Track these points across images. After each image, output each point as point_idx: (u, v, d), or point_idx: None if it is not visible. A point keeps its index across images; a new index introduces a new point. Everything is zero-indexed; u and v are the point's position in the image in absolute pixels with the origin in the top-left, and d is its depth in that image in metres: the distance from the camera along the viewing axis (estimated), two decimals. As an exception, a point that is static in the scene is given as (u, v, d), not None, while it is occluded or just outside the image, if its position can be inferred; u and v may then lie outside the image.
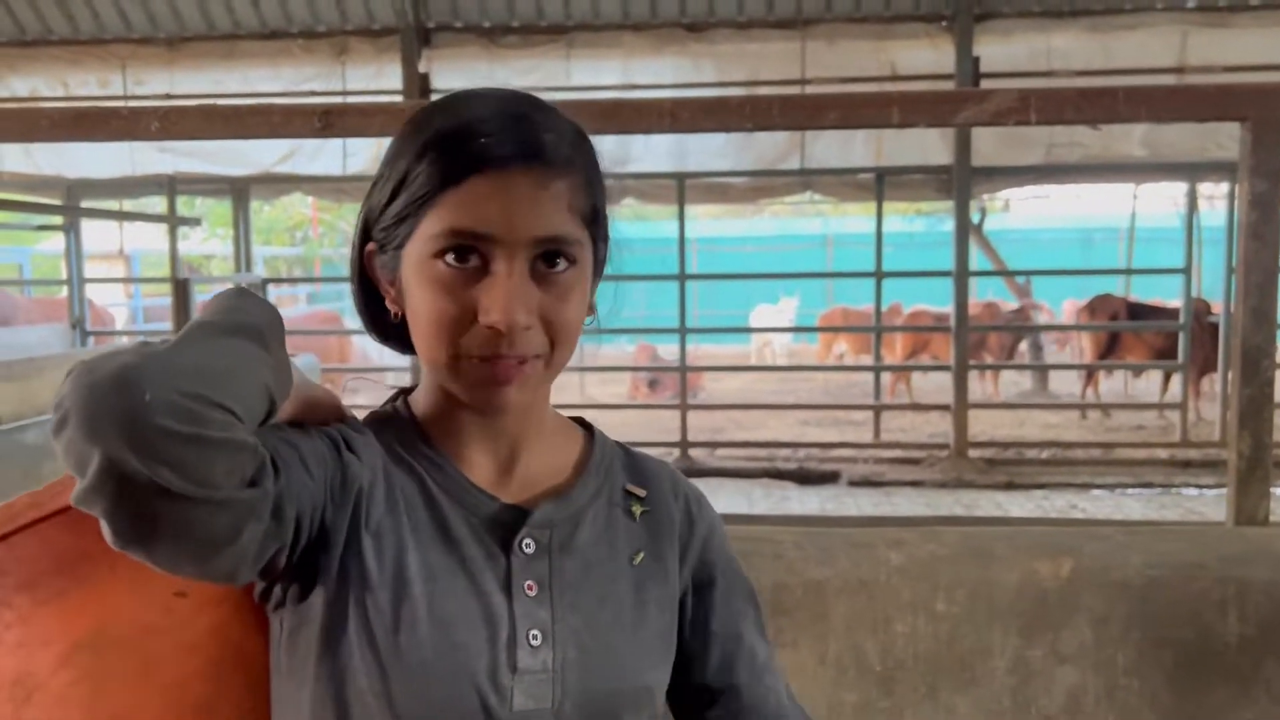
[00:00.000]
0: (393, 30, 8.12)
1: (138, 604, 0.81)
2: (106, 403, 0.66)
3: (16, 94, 8.51)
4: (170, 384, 0.67)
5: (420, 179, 0.82)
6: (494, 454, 0.91)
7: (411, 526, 0.86)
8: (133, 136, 2.15)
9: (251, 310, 0.79)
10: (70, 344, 8.57)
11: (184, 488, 0.67)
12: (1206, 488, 7.49)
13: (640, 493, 0.97)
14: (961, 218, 8.05)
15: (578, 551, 0.91)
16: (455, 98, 0.86)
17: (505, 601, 0.86)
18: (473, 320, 0.82)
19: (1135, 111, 2.00)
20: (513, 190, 0.81)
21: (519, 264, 0.82)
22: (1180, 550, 1.85)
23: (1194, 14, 7.75)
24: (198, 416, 0.68)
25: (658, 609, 0.94)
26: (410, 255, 0.84)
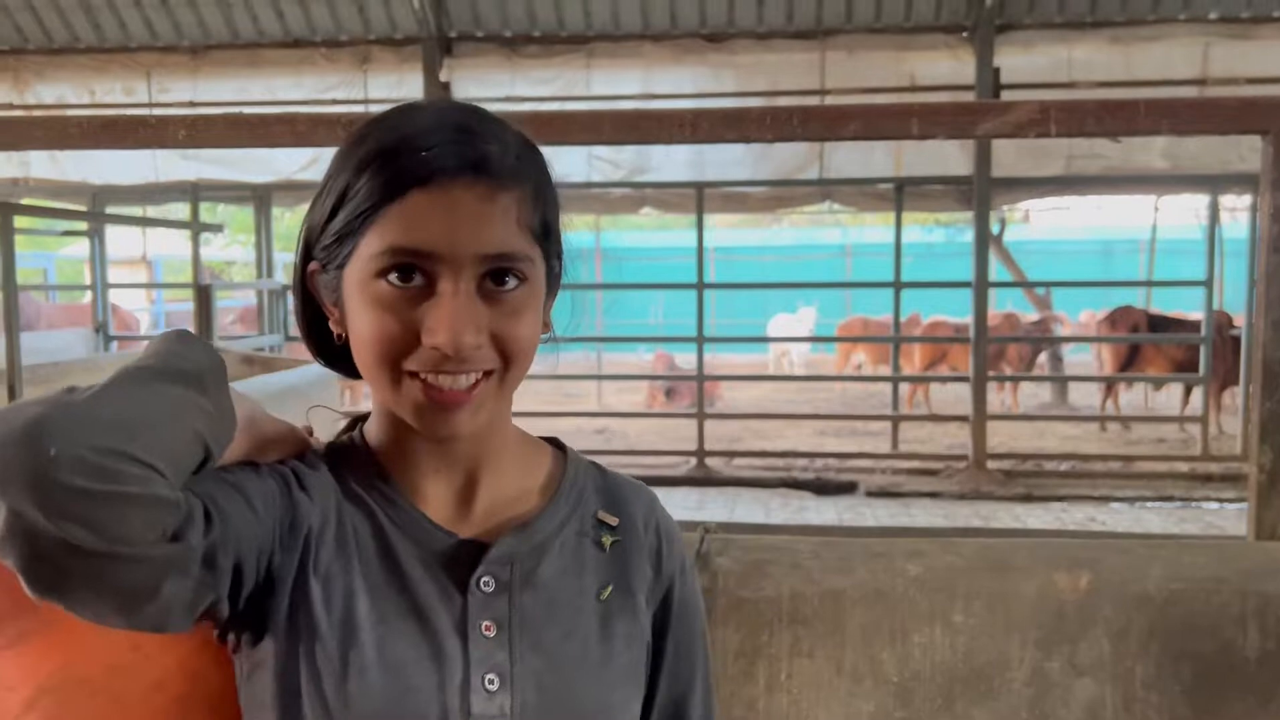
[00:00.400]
0: (415, 39, 8.18)
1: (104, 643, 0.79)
2: (10, 457, 0.63)
3: (44, 101, 8.62)
4: (81, 438, 0.64)
5: (360, 195, 0.77)
6: (450, 483, 0.87)
7: (362, 568, 0.82)
8: (160, 145, 2.17)
9: (190, 355, 0.76)
10: (94, 349, 8.66)
11: (94, 544, 0.65)
12: (1227, 502, 7.43)
13: (612, 521, 0.92)
14: (981, 229, 8.03)
15: (541, 586, 0.86)
16: (396, 110, 0.82)
17: (460, 644, 0.82)
18: (417, 341, 0.78)
19: (1156, 124, 2.00)
20: (456, 205, 0.77)
21: (465, 283, 0.77)
22: (1201, 564, 1.84)
23: (1216, 25, 7.72)
24: (109, 472, 0.65)
25: (625, 644, 0.89)
26: (351, 275, 0.80)
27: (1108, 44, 7.78)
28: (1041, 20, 7.82)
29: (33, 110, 8.64)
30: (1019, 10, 7.79)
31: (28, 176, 8.68)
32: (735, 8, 7.97)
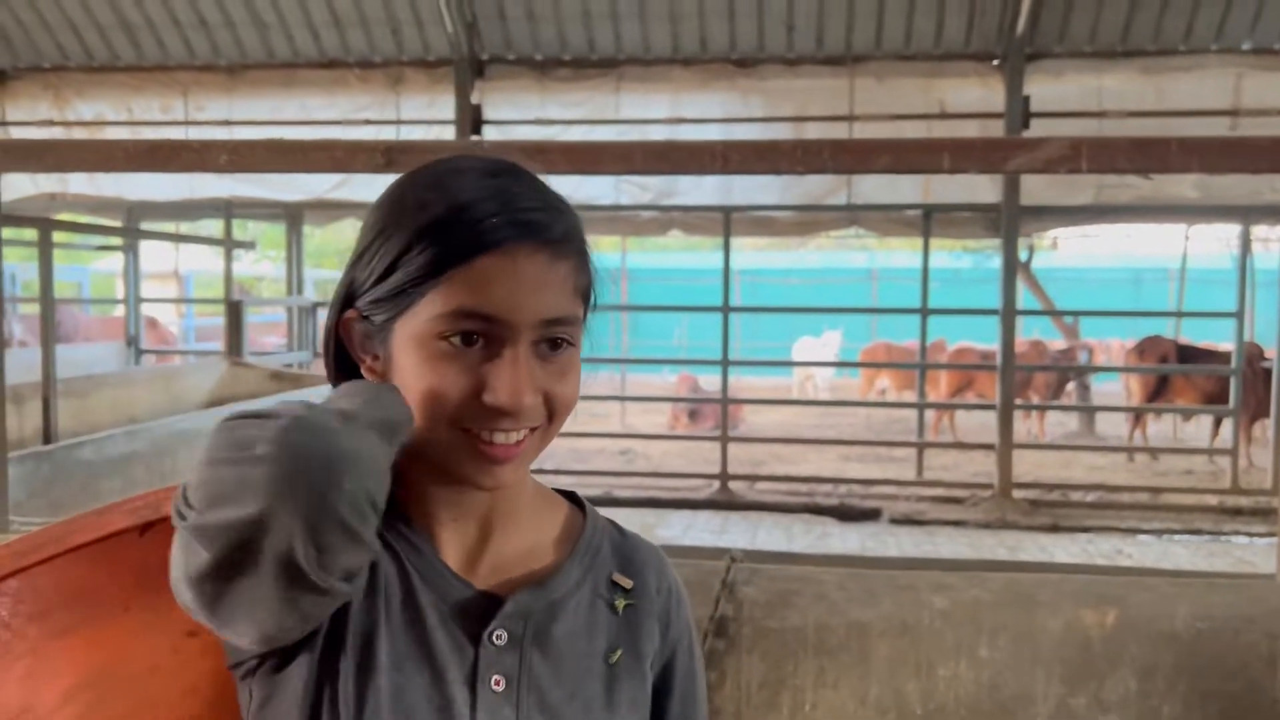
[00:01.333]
0: (447, 61, 8.28)
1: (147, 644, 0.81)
2: (312, 473, 0.68)
3: (83, 118, 8.78)
4: (363, 480, 0.70)
5: (422, 257, 0.80)
6: (464, 533, 0.89)
7: (386, 611, 0.83)
8: (202, 169, 2.22)
9: (395, 408, 0.79)
10: (125, 362, 8.77)
11: (313, 570, 0.68)
12: (1257, 536, 7.34)
13: (627, 584, 0.93)
14: (1009, 257, 8.00)
15: (553, 644, 0.87)
16: (441, 173, 0.84)
17: (468, 695, 0.83)
18: (474, 397, 0.80)
19: (1187, 162, 2.01)
20: (521, 272, 0.80)
21: (524, 346, 0.81)
22: (1228, 603, 1.83)
23: (1249, 56, 7.69)
24: (365, 516, 0.70)
25: (629, 709, 0.90)
26: (405, 330, 0.82)
27: (1139, 74, 7.76)
28: (1072, 49, 7.82)
29: (72, 127, 8.80)
30: (1049, 39, 7.79)
31: (65, 192, 8.84)
32: (765, 33, 8.02)
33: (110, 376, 6.79)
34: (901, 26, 7.88)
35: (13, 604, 0.80)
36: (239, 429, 0.70)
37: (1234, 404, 8.43)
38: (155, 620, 0.84)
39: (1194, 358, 9.88)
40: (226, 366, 7.22)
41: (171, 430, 5.22)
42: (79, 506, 4.44)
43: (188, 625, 0.84)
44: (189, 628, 0.85)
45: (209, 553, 0.68)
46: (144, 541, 0.80)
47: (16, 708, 0.80)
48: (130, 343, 9.00)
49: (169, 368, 8.07)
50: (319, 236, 19.85)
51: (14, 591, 0.80)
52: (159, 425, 5.20)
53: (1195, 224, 11.65)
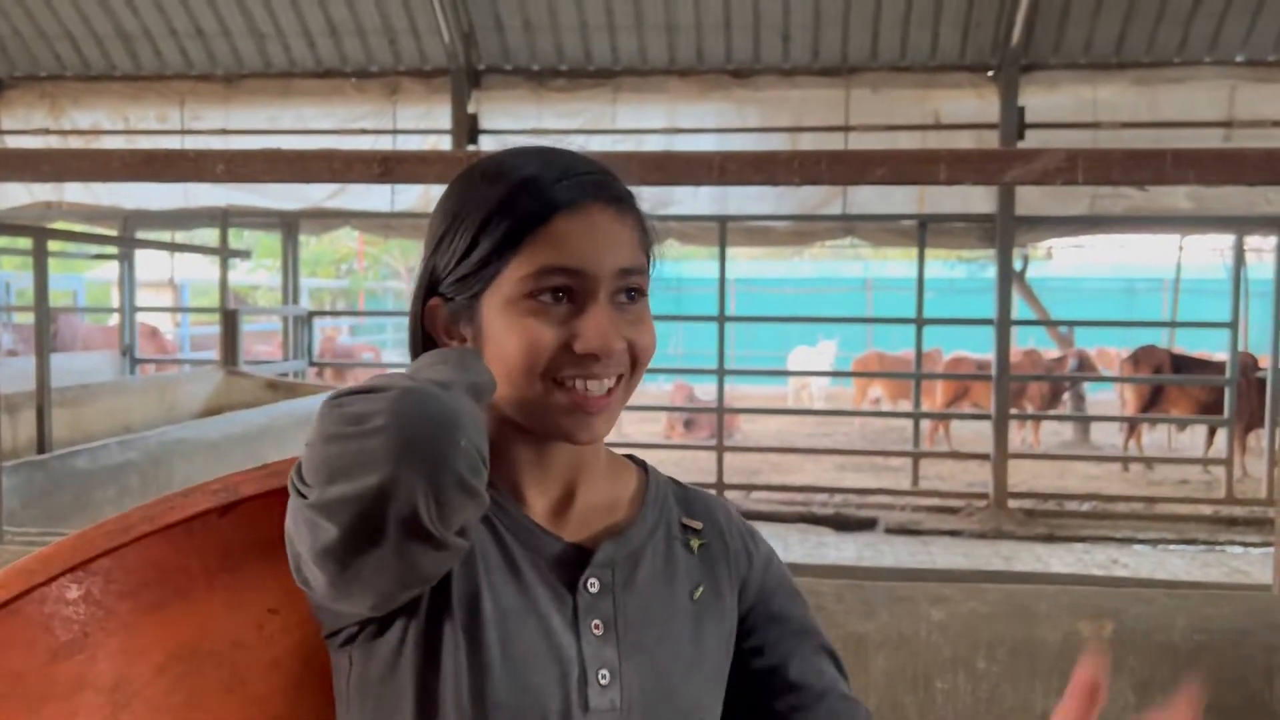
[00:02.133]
0: (444, 71, 8.30)
1: (232, 619, 0.85)
2: (431, 435, 0.71)
3: (79, 127, 8.78)
4: (474, 437, 0.74)
5: (502, 227, 0.85)
6: (549, 491, 0.93)
7: (485, 569, 0.87)
8: (199, 178, 2.22)
9: (481, 373, 0.84)
10: (120, 371, 8.75)
11: (435, 527, 0.72)
12: (1252, 546, 7.35)
13: (697, 525, 0.99)
14: (1004, 267, 8.02)
15: (639, 589, 0.92)
16: (502, 158, 0.91)
17: (574, 641, 0.88)
18: (565, 350, 0.85)
19: (1183, 174, 2.02)
20: (596, 226, 0.86)
21: (604, 297, 0.87)
22: (1225, 615, 1.84)
23: (1242, 68, 7.72)
24: (479, 471, 0.74)
25: (715, 644, 0.95)
26: (494, 298, 0.87)
27: (1132, 85, 7.80)
28: (1066, 60, 7.85)
29: (68, 136, 8.80)
30: (1044, 50, 7.82)
31: (61, 200, 8.82)
32: (761, 44, 8.05)
33: (105, 385, 6.77)
34: (897, 37, 7.90)
35: (105, 582, 0.84)
36: (349, 405, 0.74)
37: (1229, 414, 8.45)
38: (238, 598, 0.89)
39: (1188, 368, 9.91)
40: (222, 375, 7.20)
41: (167, 439, 5.20)
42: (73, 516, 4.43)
43: (269, 602, 0.89)
44: (271, 604, 0.89)
45: (336, 527, 0.72)
46: (224, 523, 0.84)
47: (111, 681, 0.85)
48: (125, 352, 8.98)
49: (164, 377, 8.06)
50: (314, 245, 19.84)
51: (106, 570, 0.83)
52: (154, 435, 5.18)
53: (1189, 235, 11.70)
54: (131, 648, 0.85)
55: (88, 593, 0.83)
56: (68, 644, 0.83)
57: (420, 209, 8.65)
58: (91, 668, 0.84)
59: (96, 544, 0.83)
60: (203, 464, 5.43)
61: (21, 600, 0.81)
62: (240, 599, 0.88)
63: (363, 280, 22.57)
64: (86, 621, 0.83)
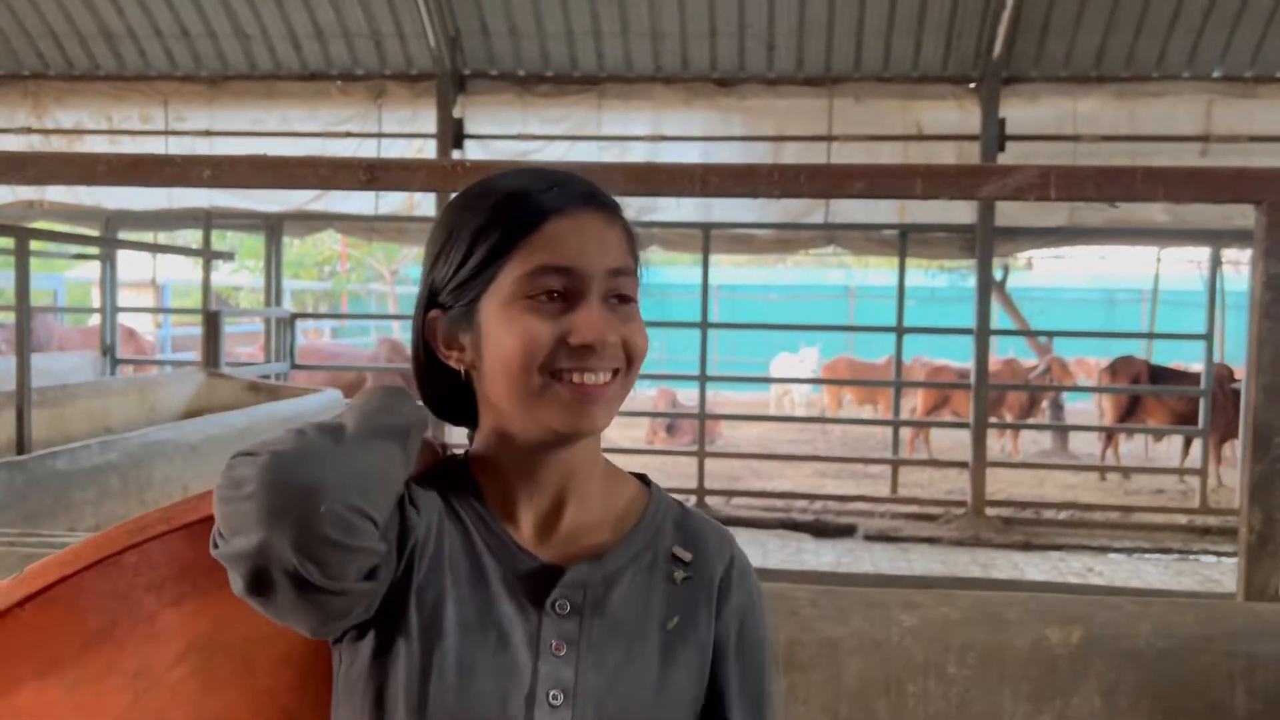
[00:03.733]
0: (429, 76, 8.31)
1: (245, 614, 0.88)
2: (288, 503, 0.77)
3: (62, 126, 8.74)
4: (342, 498, 0.79)
5: (497, 234, 0.90)
6: (537, 507, 0.95)
7: (453, 579, 0.91)
8: (185, 183, 2.24)
9: (404, 412, 0.91)
10: (101, 371, 8.71)
11: (320, 581, 0.79)
12: (1225, 555, 7.43)
13: (686, 557, 0.98)
14: (984, 277, 8.10)
15: (609, 612, 0.93)
16: (493, 177, 0.96)
17: (530, 658, 0.90)
18: (563, 344, 0.89)
19: (1153, 191, 2.06)
20: (586, 228, 0.91)
21: (597, 294, 0.91)
22: (1190, 622, 1.88)
23: (1219, 84, 7.84)
24: (353, 529, 0.79)
25: (686, 673, 0.95)
26: (492, 301, 0.91)
27: (1112, 99, 7.89)
28: (1047, 74, 7.94)
29: (50, 135, 8.76)
30: (1025, 63, 7.91)
31: (43, 200, 8.78)
32: (746, 53, 8.10)
33: (85, 386, 6.73)
34: (880, 48, 7.98)
35: (132, 575, 0.90)
36: (235, 469, 0.80)
37: (1203, 425, 8.55)
38: None
39: (1165, 379, 10.02)
40: (203, 377, 7.18)
41: (147, 441, 5.19)
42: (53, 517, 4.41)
43: None
44: None
45: (240, 578, 0.80)
46: None
47: (135, 667, 0.91)
48: (106, 352, 8.94)
49: (145, 378, 8.02)
50: (297, 247, 19.79)
51: (133, 565, 0.90)
52: (135, 436, 5.17)
53: (1166, 247, 11.82)
54: (154, 637, 0.91)
55: (116, 585, 0.89)
56: (99, 631, 0.89)
57: (404, 212, 8.66)
58: (119, 654, 0.90)
59: (121, 540, 0.89)
60: (183, 466, 5.42)
61: (59, 588, 0.87)
62: None
63: (345, 282, 22.51)
64: (115, 611, 0.89)
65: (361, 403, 0.92)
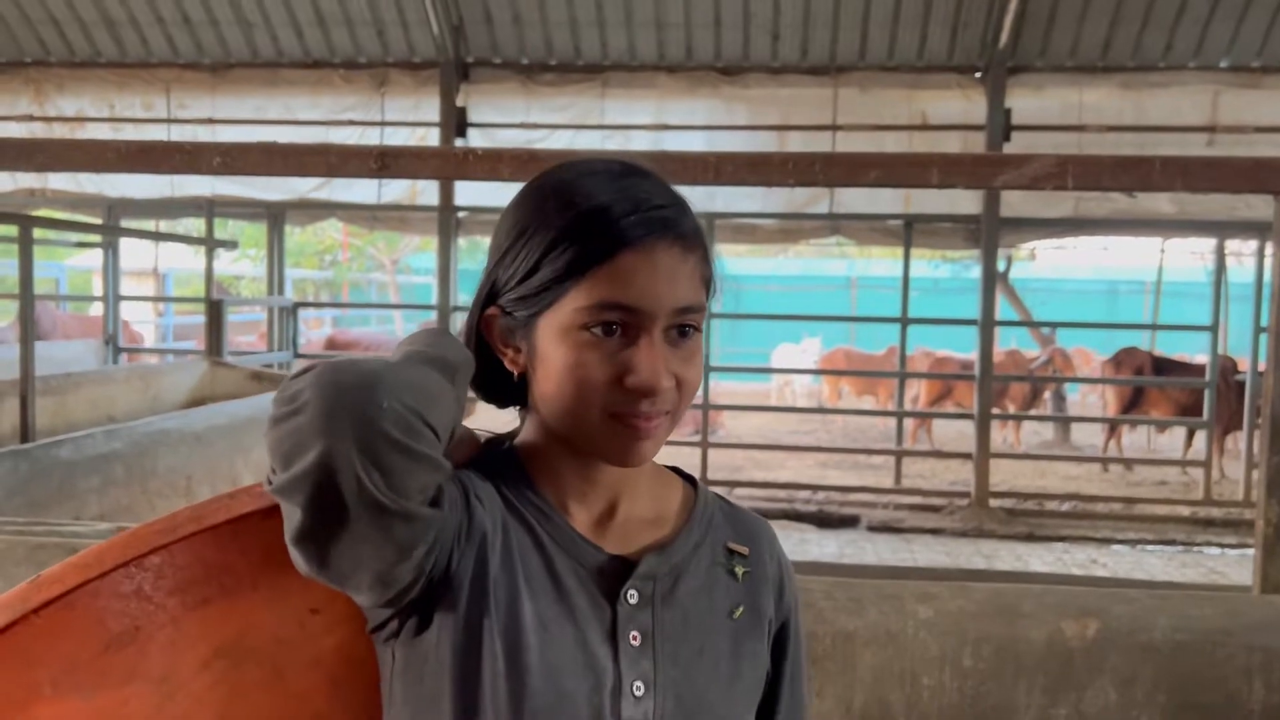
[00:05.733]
0: (433, 64, 8.28)
1: (274, 617, 0.87)
2: (349, 401, 0.73)
3: (64, 114, 8.71)
4: (401, 397, 0.75)
5: (566, 256, 0.86)
6: (593, 505, 0.95)
7: (525, 575, 0.89)
8: (195, 170, 2.22)
9: (451, 349, 0.88)
10: (103, 360, 8.70)
11: (385, 494, 0.74)
12: (1229, 547, 7.43)
13: (744, 551, 1.00)
14: (988, 268, 8.08)
15: (678, 603, 0.93)
16: (574, 176, 0.91)
17: (610, 651, 0.89)
18: (618, 383, 0.86)
19: (1170, 181, 2.04)
20: (658, 265, 0.87)
21: (659, 333, 0.87)
22: (1207, 616, 1.87)
23: (1226, 74, 7.80)
24: (415, 431, 0.75)
25: (751, 665, 0.97)
26: (550, 323, 0.88)
27: (1118, 89, 7.86)
28: (1053, 64, 7.90)
29: (52, 123, 8.73)
30: (1031, 53, 7.87)
31: (45, 188, 8.76)
32: (750, 42, 8.07)
33: (89, 375, 6.72)
34: (885, 38, 7.94)
35: (155, 578, 0.86)
36: (285, 389, 0.76)
37: (1208, 416, 8.54)
38: (281, 597, 0.90)
39: (1168, 370, 10.00)
40: (206, 366, 7.17)
41: (151, 430, 5.18)
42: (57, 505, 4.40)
43: (311, 602, 0.91)
44: (312, 605, 0.91)
45: (299, 509, 0.75)
46: (268, 524, 0.85)
47: (160, 673, 0.88)
48: (108, 341, 8.93)
49: (148, 367, 8.00)
50: (298, 236, 19.76)
51: (156, 567, 0.86)
52: (139, 425, 5.16)
53: (1172, 238, 11.79)
54: (179, 642, 0.88)
55: (139, 588, 0.86)
56: (120, 636, 0.86)
57: (407, 201, 8.64)
58: (142, 659, 0.87)
59: (148, 541, 0.85)
60: (187, 455, 5.41)
61: (77, 592, 0.84)
62: (283, 598, 0.91)
63: (346, 271, 22.48)
64: (137, 615, 0.86)
65: (408, 340, 0.89)
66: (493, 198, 8.42)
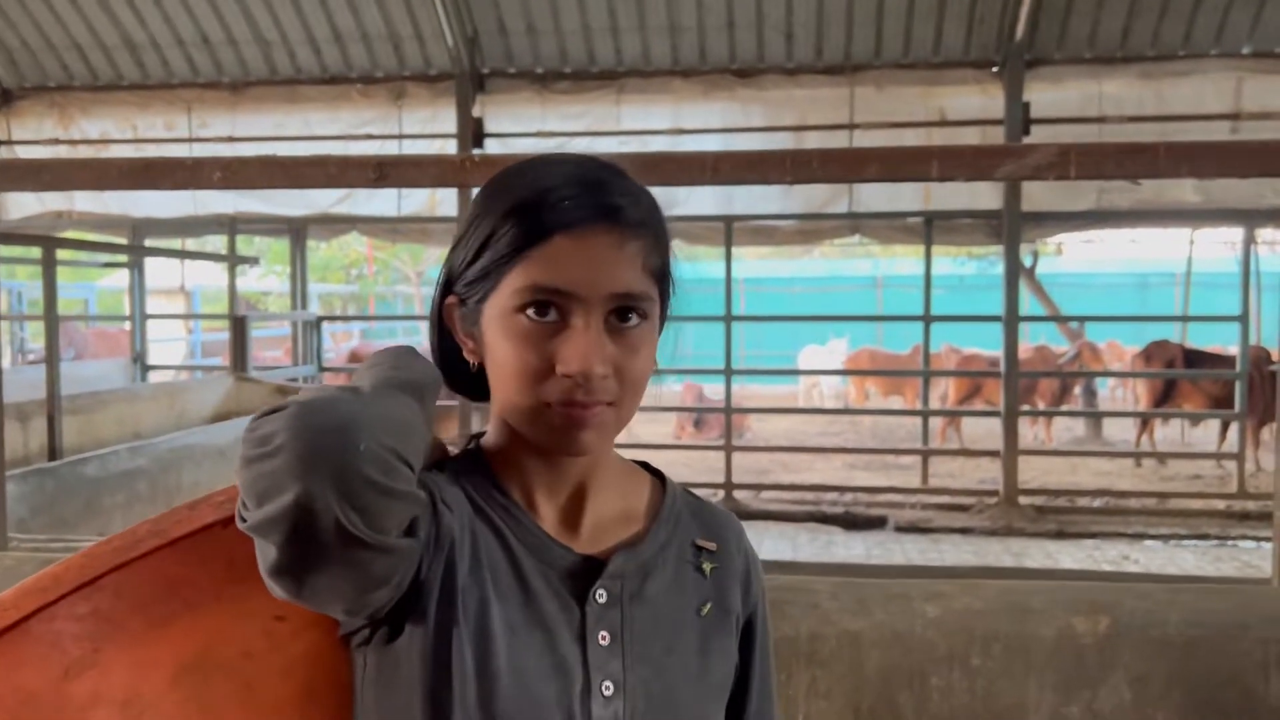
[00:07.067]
0: (448, 76, 8.32)
1: (240, 628, 0.86)
2: (325, 444, 0.72)
3: (89, 136, 8.84)
4: (378, 436, 0.74)
5: (505, 239, 0.86)
6: (558, 501, 0.94)
7: (493, 580, 0.88)
8: (196, 186, 2.24)
9: (418, 369, 0.88)
10: (130, 379, 8.80)
11: (363, 532, 0.73)
12: (1265, 540, 7.30)
13: (711, 547, 1.00)
14: (1011, 263, 8.00)
15: (647, 601, 0.93)
16: (532, 164, 0.91)
17: (579, 652, 0.89)
18: (552, 370, 0.86)
19: (1176, 167, 2.01)
20: (592, 249, 0.86)
21: (595, 318, 0.86)
22: (1222, 609, 1.83)
23: (1249, 60, 7.68)
24: (393, 470, 0.75)
25: (720, 659, 0.97)
26: (492, 309, 0.88)
27: (1138, 79, 7.75)
28: (1071, 55, 7.81)
29: (77, 145, 8.86)
30: (1048, 45, 7.79)
31: (72, 210, 8.89)
32: (764, 43, 8.04)
33: (115, 393, 6.81)
34: (900, 35, 7.89)
35: (114, 597, 0.84)
36: (259, 428, 0.75)
37: (1240, 408, 8.40)
38: (245, 607, 0.88)
39: (1200, 362, 9.85)
40: (232, 382, 7.24)
41: (176, 446, 5.24)
42: (84, 523, 4.45)
43: (276, 610, 0.89)
44: (277, 613, 0.89)
45: (274, 547, 0.74)
46: (229, 534, 0.83)
47: (124, 695, 0.85)
48: (136, 359, 9.03)
49: (174, 384, 8.09)
50: (323, 251, 19.93)
51: (115, 585, 0.84)
52: (163, 441, 5.22)
53: (1198, 228, 11.62)
54: (143, 661, 0.86)
55: (97, 608, 0.83)
56: (79, 660, 0.83)
57: (426, 213, 8.68)
58: (105, 683, 0.84)
59: (106, 560, 0.83)
60: (212, 470, 5.46)
61: (33, 619, 0.81)
62: (247, 608, 0.89)
63: (372, 285, 22.64)
64: (97, 637, 0.84)
65: (372, 362, 0.89)
66: (511, 207, 8.44)
